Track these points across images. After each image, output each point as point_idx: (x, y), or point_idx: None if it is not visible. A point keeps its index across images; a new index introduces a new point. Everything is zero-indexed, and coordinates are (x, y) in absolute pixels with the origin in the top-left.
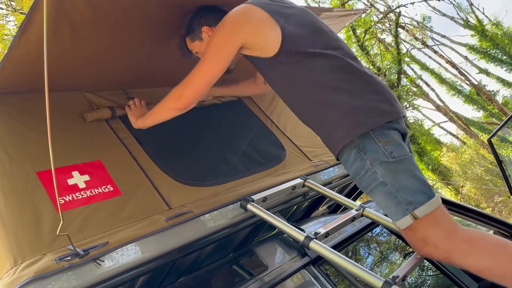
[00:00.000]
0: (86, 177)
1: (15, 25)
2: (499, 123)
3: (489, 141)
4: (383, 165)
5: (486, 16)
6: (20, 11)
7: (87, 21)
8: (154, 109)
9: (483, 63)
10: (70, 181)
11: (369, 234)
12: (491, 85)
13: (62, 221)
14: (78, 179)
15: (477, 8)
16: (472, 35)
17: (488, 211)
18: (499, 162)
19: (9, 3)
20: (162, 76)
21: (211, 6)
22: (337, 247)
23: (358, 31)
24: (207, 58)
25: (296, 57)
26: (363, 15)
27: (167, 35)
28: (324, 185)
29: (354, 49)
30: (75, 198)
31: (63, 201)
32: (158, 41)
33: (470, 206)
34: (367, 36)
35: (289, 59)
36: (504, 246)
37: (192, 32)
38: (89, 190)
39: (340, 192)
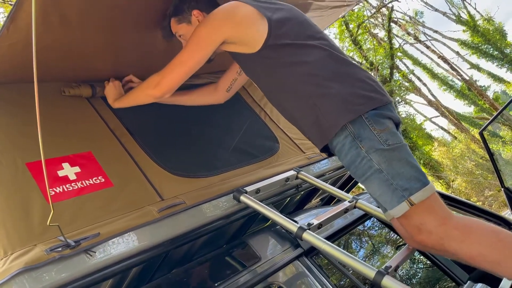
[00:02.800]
0: (77, 169)
1: (5, 16)
2: (489, 118)
3: (481, 134)
4: (379, 152)
5: (478, 12)
6: (10, 2)
7: (76, 9)
8: (132, 92)
9: (474, 58)
10: (61, 173)
11: (362, 226)
12: (482, 80)
13: (52, 211)
14: (68, 170)
15: (469, 4)
16: (464, 31)
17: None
18: (491, 155)
19: None
20: (157, 65)
21: None
22: (330, 238)
23: (351, 26)
24: (188, 49)
25: (282, 50)
26: (355, 9)
27: (158, 23)
28: (317, 177)
29: (347, 43)
30: (66, 189)
31: (53, 192)
32: (149, 30)
33: (461, 199)
34: (360, 31)
35: (274, 53)
36: (496, 233)
37: (180, 14)
38: (80, 182)
39: (333, 184)
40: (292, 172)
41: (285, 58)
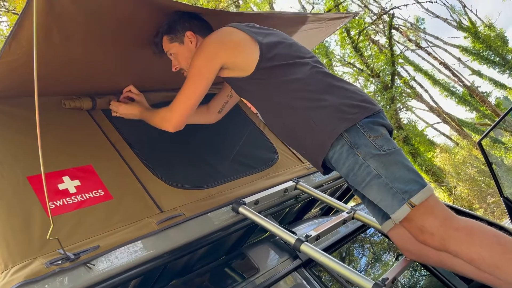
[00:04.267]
0: (77, 182)
1: (8, 25)
2: (491, 124)
3: (479, 143)
4: (376, 157)
5: (479, 18)
6: (13, 11)
7: (78, 26)
8: (151, 119)
9: (476, 65)
10: (61, 186)
11: (360, 236)
12: (484, 86)
13: (52, 225)
14: (68, 184)
15: (470, 10)
16: (465, 37)
17: (480, 212)
18: (489, 164)
19: (2, 4)
20: (158, 80)
21: (196, 13)
22: (328, 249)
23: (352, 33)
24: (190, 81)
25: (274, 71)
26: (356, 16)
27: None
28: (316, 187)
29: (348, 50)
30: (66, 203)
31: (53, 206)
32: (148, 44)
33: (460, 208)
34: (361, 38)
35: (267, 75)
36: (497, 237)
37: (173, 33)
38: (80, 195)
39: (331, 194)
40: (291, 183)
41: (277, 78)
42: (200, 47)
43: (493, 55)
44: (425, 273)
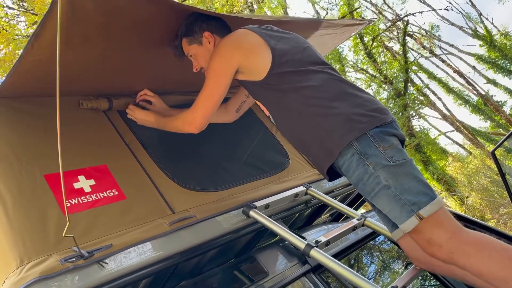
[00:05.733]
0: (92, 182)
1: (26, 25)
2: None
3: (493, 153)
4: (385, 168)
5: (495, 26)
6: (31, 11)
7: (96, 27)
8: (169, 125)
9: (491, 73)
10: (76, 185)
11: (370, 243)
12: (498, 95)
13: (68, 223)
14: (83, 183)
15: (486, 18)
16: (480, 45)
17: (493, 223)
18: (502, 174)
19: (20, 4)
20: (174, 82)
21: (213, 14)
22: (338, 255)
23: (365, 39)
24: (208, 83)
25: (286, 77)
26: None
27: (171, 41)
28: (327, 193)
29: (361, 56)
30: (81, 201)
31: (69, 204)
32: (164, 47)
33: (472, 218)
34: (374, 44)
35: (279, 80)
36: (506, 251)
37: (191, 35)
38: (94, 195)
39: (342, 200)
40: (301, 188)
41: (289, 84)
42: (217, 48)
43: (508, 64)
44: (435, 283)
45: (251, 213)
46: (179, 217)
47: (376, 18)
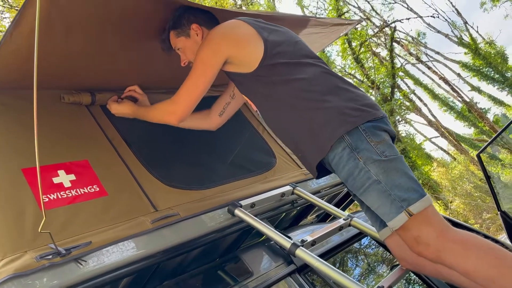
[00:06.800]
0: (72, 177)
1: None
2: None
3: (478, 156)
4: (376, 163)
5: (480, 35)
6: (16, 8)
7: (79, 16)
8: (149, 115)
9: (475, 81)
10: (56, 180)
11: (357, 244)
12: (482, 102)
13: (44, 218)
14: (63, 178)
15: (471, 27)
16: (465, 53)
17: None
18: (487, 177)
19: (5, 0)
20: (160, 78)
21: (202, 7)
22: (323, 256)
23: (353, 44)
24: (194, 73)
25: (278, 68)
26: (358, 27)
27: (158, 35)
28: (313, 193)
29: (349, 61)
30: (60, 197)
31: (47, 199)
32: (151, 40)
33: (459, 221)
34: (362, 49)
35: (270, 72)
36: (494, 251)
37: (179, 27)
38: (75, 190)
39: (329, 201)
40: (288, 188)
41: (281, 76)
42: (206, 39)
43: (492, 72)
44: (420, 284)
45: (237, 211)
46: (162, 215)
47: (365, 18)
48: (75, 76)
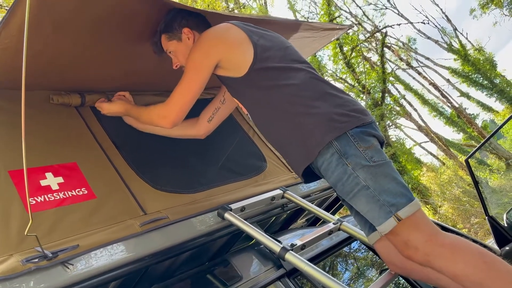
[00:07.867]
0: (60, 179)
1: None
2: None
3: (467, 161)
4: (365, 169)
5: (469, 41)
6: (6, 7)
7: (70, 17)
8: (142, 116)
9: (464, 87)
10: (43, 182)
11: (346, 248)
12: (471, 108)
13: (31, 221)
14: (51, 180)
15: (461, 33)
16: (455, 59)
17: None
18: (476, 183)
19: None
20: (151, 79)
21: (194, 10)
22: (313, 260)
23: (345, 49)
24: (186, 77)
25: (268, 73)
26: (350, 32)
27: (149, 37)
28: (304, 197)
29: (340, 66)
30: (47, 199)
31: (34, 202)
32: (142, 42)
33: (447, 225)
34: (353, 54)
35: (260, 76)
36: (482, 255)
37: (171, 31)
38: (62, 193)
39: (319, 205)
40: (278, 191)
41: (271, 80)
42: (197, 42)
43: (481, 78)
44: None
45: (226, 215)
46: (151, 218)
47: (356, 23)
48: (64, 76)
